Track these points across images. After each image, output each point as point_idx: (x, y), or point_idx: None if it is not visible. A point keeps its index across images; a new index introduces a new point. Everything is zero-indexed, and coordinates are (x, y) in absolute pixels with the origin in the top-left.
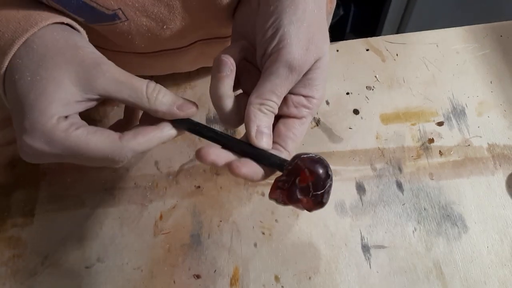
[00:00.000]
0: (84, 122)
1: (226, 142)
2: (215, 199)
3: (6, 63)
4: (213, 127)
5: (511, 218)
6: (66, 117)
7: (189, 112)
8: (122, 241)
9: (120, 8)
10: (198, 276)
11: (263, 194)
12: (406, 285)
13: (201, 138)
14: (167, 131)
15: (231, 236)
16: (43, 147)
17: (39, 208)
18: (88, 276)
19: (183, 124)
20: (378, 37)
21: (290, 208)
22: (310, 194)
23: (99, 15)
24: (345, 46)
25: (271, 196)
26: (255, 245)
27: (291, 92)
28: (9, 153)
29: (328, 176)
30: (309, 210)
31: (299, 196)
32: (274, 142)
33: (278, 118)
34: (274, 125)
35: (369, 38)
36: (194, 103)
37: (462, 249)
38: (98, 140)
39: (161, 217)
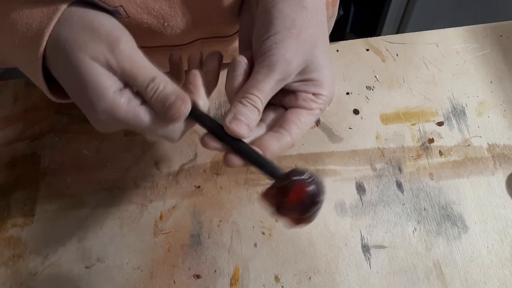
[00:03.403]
0: (139, 99)
1: (224, 138)
2: (215, 199)
3: (41, 53)
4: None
5: (511, 218)
6: (120, 89)
7: (172, 118)
8: (122, 241)
9: (121, 5)
10: (198, 276)
11: None
12: (406, 285)
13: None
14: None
15: (231, 236)
16: (107, 119)
17: (39, 208)
18: (88, 276)
19: (191, 117)
20: (378, 37)
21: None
22: (295, 214)
23: (101, 9)
24: (345, 46)
25: (262, 199)
26: (255, 245)
27: (300, 90)
28: (9, 153)
29: (315, 203)
30: (292, 226)
31: (285, 211)
32: (279, 126)
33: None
34: (282, 115)
35: (369, 38)
36: (186, 103)
37: (462, 249)
38: (151, 120)
39: (161, 217)
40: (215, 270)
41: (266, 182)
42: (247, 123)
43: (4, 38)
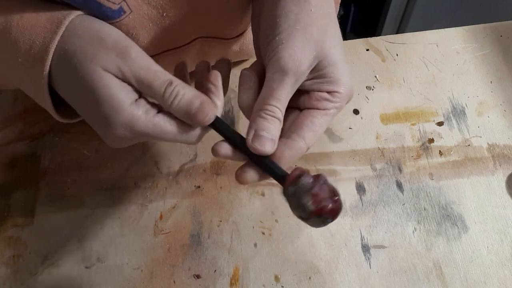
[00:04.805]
0: (155, 108)
1: (239, 145)
2: (215, 199)
3: (47, 69)
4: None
5: (511, 218)
6: (136, 100)
7: (201, 122)
8: (122, 241)
9: (124, 0)
10: (198, 276)
11: (263, 194)
12: (406, 285)
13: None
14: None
15: (231, 236)
16: (125, 133)
17: (39, 208)
18: (88, 276)
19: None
20: (378, 37)
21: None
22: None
23: (105, 11)
24: (345, 46)
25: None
26: (255, 245)
27: (314, 89)
28: (9, 153)
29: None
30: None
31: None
32: (291, 131)
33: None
34: (296, 117)
35: (369, 38)
36: (212, 107)
37: (462, 249)
38: (173, 128)
39: (161, 217)
40: (215, 270)
41: (266, 182)
42: (271, 137)
43: (5, 57)
